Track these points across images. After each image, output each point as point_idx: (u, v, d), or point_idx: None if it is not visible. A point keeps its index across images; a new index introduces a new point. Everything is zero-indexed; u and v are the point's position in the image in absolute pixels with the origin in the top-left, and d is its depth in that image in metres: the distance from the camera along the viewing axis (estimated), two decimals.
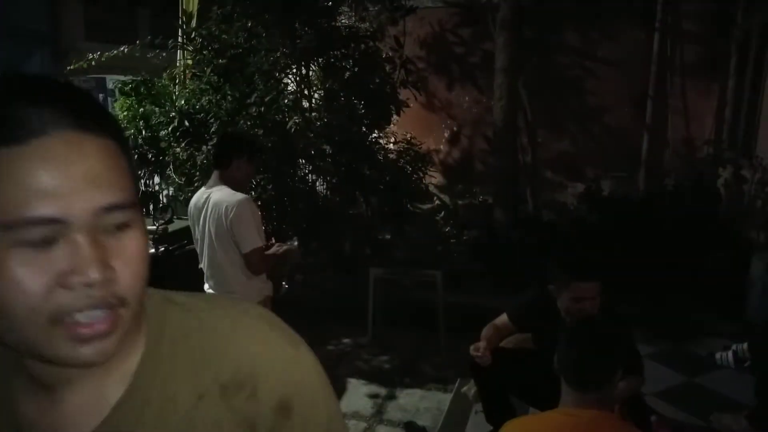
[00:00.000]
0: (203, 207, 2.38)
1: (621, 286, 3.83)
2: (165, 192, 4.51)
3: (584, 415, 1.42)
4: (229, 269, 2.38)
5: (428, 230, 4.89)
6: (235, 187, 2.40)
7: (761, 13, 4.65)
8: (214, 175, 2.44)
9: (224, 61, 3.94)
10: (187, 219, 4.18)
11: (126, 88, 4.43)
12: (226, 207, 2.29)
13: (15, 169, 0.45)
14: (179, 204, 4.28)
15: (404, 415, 3.01)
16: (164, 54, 4.53)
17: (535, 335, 2.50)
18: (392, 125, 4.76)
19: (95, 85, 17.34)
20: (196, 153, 3.83)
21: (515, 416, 2.28)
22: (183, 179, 3.98)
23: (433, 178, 5.47)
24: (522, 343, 2.55)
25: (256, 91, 3.77)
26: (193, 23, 4.52)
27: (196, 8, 4.54)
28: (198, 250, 2.49)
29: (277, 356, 0.59)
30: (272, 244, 2.56)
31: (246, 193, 2.45)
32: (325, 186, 4.33)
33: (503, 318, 2.49)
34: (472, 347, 2.31)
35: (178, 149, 3.94)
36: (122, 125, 4.37)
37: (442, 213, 5.47)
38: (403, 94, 4.51)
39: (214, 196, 2.36)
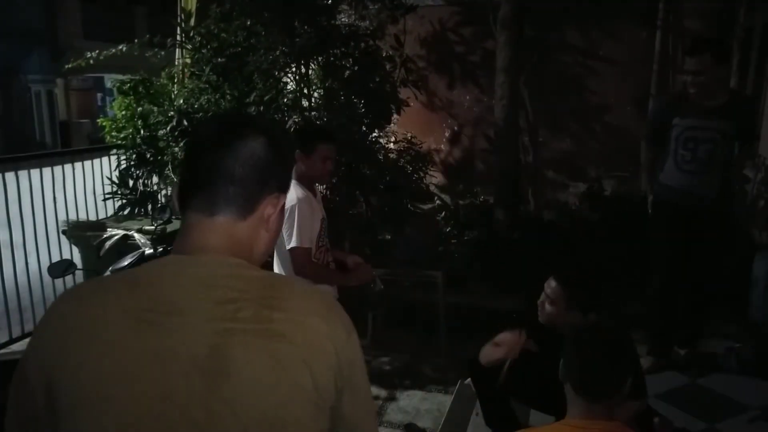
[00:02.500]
0: None
1: (624, 287, 3.82)
2: (163, 192, 4.48)
3: (594, 428, 1.38)
4: (280, 262, 2.47)
5: (429, 230, 4.86)
6: (303, 183, 2.42)
7: (763, 11, 4.63)
8: None
9: (223, 59, 3.91)
10: None
11: (124, 87, 4.40)
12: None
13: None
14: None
15: (404, 417, 2.98)
16: (163, 53, 4.52)
17: (534, 338, 2.48)
18: (392, 124, 4.74)
19: (93, 84, 17.29)
20: None
21: (515, 419, 2.26)
22: None
23: (434, 178, 5.44)
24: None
25: (255, 90, 3.75)
26: (192, 22, 4.49)
27: (194, 6, 4.51)
28: None
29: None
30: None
31: (316, 186, 2.58)
32: (324, 186, 4.30)
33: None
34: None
35: (176, 149, 3.91)
36: (120, 124, 4.35)
37: (443, 213, 5.45)
38: (404, 93, 4.49)
39: None
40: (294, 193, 2.37)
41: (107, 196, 4.25)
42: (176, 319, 0.78)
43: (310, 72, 4.21)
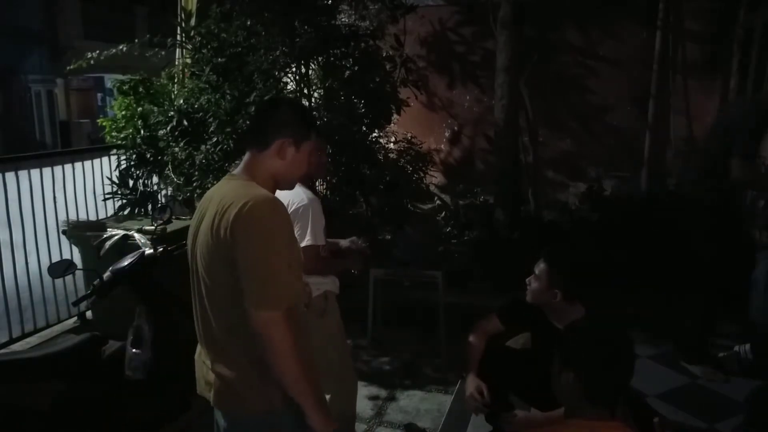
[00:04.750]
0: None
1: (623, 287, 3.82)
2: (163, 192, 4.48)
3: (595, 428, 1.39)
4: None
5: (429, 230, 4.86)
6: (302, 182, 2.34)
7: (763, 11, 4.63)
8: None
9: (223, 59, 3.91)
10: (185, 219, 4.16)
11: (124, 87, 4.39)
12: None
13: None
14: (178, 204, 4.25)
15: (405, 417, 2.98)
16: (163, 53, 4.51)
17: (532, 335, 2.49)
18: (392, 124, 4.74)
19: (94, 84, 17.27)
20: (195, 152, 3.81)
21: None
22: (181, 179, 3.94)
23: (434, 178, 5.44)
24: (528, 344, 2.55)
25: (255, 90, 3.74)
26: (192, 21, 4.49)
27: (195, 6, 4.51)
28: None
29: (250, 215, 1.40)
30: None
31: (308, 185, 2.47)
32: (325, 186, 4.30)
33: (492, 319, 2.48)
34: (469, 400, 2.26)
35: (176, 149, 3.91)
36: (120, 124, 4.35)
37: (443, 213, 5.45)
38: (404, 93, 4.49)
39: None
40: (304, 194, 2.34)
41: (107, 196, 4.24)
42: (206, 210, 1.50)
43: (310, 72, 4.21)
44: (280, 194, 2.27)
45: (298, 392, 1.41)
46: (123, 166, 4.29)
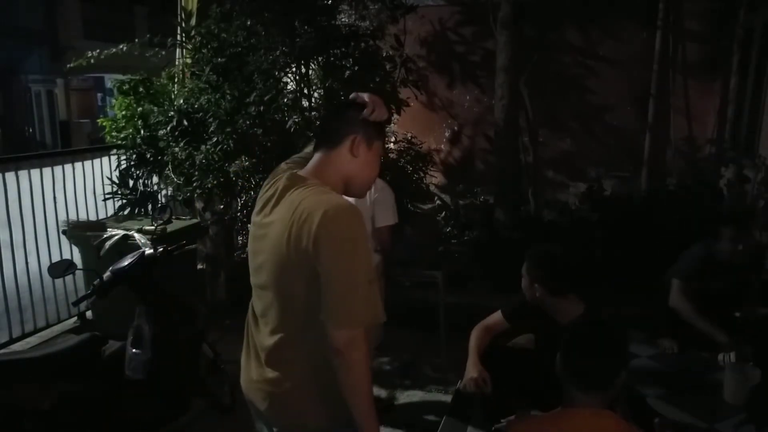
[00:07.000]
0: None
1: (622, 287, 3.82)
2: (163, 192, 4.47)
3: (586, 413, 1.43)
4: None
5: (429, 230, 4.86)
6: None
7: (763, 11, 4.63)
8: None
9: (223, 59, 3.91)
10: (184, 219, 4.16)
11: (124, 87, 4.39)
12: None
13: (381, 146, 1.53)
14: (178, 204, 4.25)
15: (405, 417, 2.98)
16: (163, 52, 4.50)
17: (535, 335, 2.50)
18: (393, 124, 4.73)
19: (94, 84, 17.26)
20: (195, 152, 3.80)
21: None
22: (181, 179, 3.94)
23: (434, 178, 5.44)
24: (529, 344, 2.55)
25: (255, 90, 3.74)
26: (193, 21, 4.49)
27: (195, 6, 4.51)
28: None
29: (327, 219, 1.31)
30: None
31: None
32: None
33: (497, 316, 2.50)
34: (470, 383, 2.29)
35: (176, 149, 3.91)
36: (120, 124, 4.35)
37: (443, 213, 5.45)
38: (404, 93, 4.49)
39: None
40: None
41: (107, 196, 4.24)
42: (270, 204, 1.45)
43: (310, 72, 4.21)
44: None
45: (363, 411, 1.34)
46: (123, 166, 4.28)
